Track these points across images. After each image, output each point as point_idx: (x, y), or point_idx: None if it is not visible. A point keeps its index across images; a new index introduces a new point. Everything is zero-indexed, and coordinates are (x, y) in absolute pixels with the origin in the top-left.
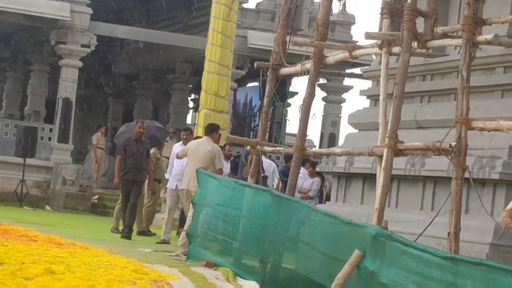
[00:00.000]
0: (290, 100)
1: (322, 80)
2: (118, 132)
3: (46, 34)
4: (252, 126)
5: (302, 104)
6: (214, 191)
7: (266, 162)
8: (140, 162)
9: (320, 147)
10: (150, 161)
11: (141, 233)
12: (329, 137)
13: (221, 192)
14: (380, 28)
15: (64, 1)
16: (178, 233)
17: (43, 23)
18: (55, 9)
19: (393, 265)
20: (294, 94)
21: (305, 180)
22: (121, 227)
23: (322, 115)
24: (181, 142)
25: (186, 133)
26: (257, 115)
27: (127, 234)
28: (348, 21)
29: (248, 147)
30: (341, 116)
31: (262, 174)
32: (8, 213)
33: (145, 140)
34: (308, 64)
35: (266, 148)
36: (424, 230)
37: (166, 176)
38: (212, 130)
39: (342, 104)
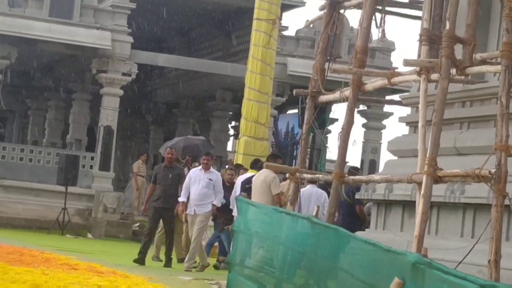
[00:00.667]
0: (330, 127)
1: (362, 107)
2: (172, 143)
3: (88, 63)
4: (295, 154)
5: (341, 132)
6: (254, 219)
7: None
8: (169, 188)
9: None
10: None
11: (181, 260)
12: (370, 164)
13: (260, 219)
14: (419, 55)
15: (105, 30)
16: (218, 261)
17: (85, 52)
18: (96, 38)
19: None
20: (334, 120)
21: None
22: (150, 254)
23: (363, 142)
24: (200, 167)
25: (206, 158)
26: (299, 143)
27: (167, 263)
28: (388, 47)
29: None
30: (381, 143)
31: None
32: (50, 241)
33: (176, 166)
34: (347, 91)
35: (305, 176)
36: (464, 258)
37: (180, 199)
38: (269, 159)
39: (383, 131)
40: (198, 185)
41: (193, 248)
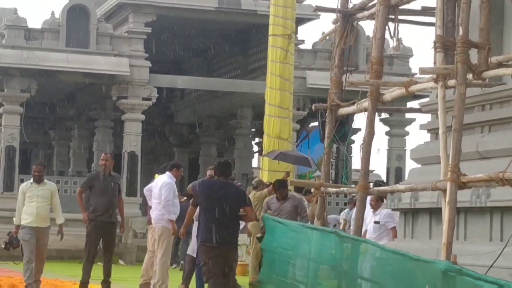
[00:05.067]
0: (353, 137)
1: (384, 115)
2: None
3: (107, 90)
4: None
5: (362, 144)
6: (281, 236)
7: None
8: (113, 200)
9: (387, 182)
10: (121, 200)
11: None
12: (396, 171)
13: (288, 236)
14: (435, 62)
15: (122, 56)
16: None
17: (103, 79)
18: (114, 65)
19: None
20: (356, 130)
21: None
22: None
23: (387, 150)
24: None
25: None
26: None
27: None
28: (405, 53)
29: None
30: (405, 149)
31: None
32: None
33: (115, 175)
34: (366, 103)
35: (330, 190)
36: (494, 262)
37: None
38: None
39: (406, 137)
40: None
41: None
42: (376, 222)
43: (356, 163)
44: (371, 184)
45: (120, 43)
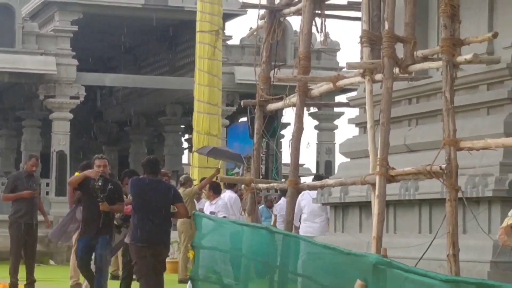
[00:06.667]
0: (283, 131)
1: (312, 109)
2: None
3: (35, 89)
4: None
5: (291, 138)
6: (212, 233)
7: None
8: (35, 202)
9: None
10: (40, 199)
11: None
12: (325, 165)
13: (219, 233)
14: (362, 57)
15: (49, 55)
16: None
17: (30, 78)
18: (41, 64)
19: None
20: (286, 125)
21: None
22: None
23: (316, 144)
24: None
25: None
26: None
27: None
28: (333, 48)
29: None
30: (335, 143)
31: None
32: None
33: (36, 175)
34: (294, 98)
35: (261, 185)
36: (423, 254)
37: None
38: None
39: (335, 131)
40: None
41: None
42: (211, 213)
43: (286, 157)
44: (311, 178)
45: (47, 42)
